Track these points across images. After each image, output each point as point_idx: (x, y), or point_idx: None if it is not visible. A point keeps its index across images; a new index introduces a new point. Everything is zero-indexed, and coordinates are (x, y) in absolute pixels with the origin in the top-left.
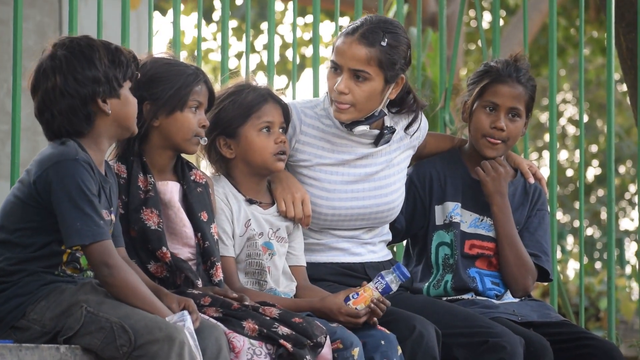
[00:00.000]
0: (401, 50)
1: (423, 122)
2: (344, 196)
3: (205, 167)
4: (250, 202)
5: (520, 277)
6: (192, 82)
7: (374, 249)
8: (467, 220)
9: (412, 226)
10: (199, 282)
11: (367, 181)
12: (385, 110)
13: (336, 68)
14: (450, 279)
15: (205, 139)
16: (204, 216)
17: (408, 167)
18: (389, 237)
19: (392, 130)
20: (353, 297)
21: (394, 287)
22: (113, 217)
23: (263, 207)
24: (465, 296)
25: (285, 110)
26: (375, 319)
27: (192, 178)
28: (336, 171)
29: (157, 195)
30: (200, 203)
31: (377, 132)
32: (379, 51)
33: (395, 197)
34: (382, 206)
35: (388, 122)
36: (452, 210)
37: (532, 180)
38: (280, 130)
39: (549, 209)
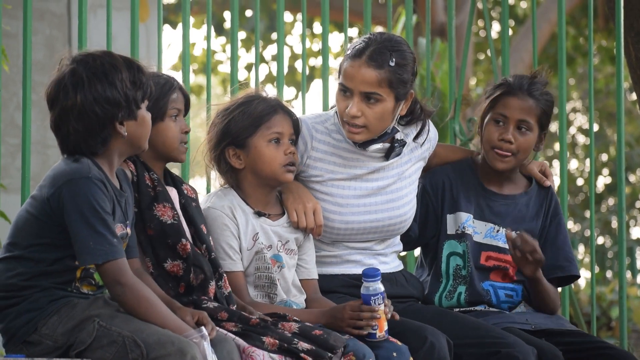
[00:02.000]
0: (409, 67)
1: (432, 132)
2: (357, 210)
3: (214, 179)
4: (259, 214)
5: (554, 309)
6: (167, 92)
7: (385, 259)
8: (481, 230)
9: (424, 234)
10: (213, 283)
11: (379, 194)
12: (397, 127)
13: (346, 91)
14: (464, 291)
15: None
16: (204, 229)
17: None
18: (400, 247)
19: (403, 144)
20: (375, 329)
21: (379, 287)
22: (129, 230)
23: (272, 218)
24: (477, 308)
25: (295, 122)
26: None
27: (184, 192)
28: (348, 185)
29: (164, 189)
30: (199, 217)
31: (388, 145)
32: (389, 72)
33: (407, 210)
34: (395, 219)
35: (399, 135)
36: (465, 222)
37: (548, 184)
38: (290, 141)
39: (561, 211)
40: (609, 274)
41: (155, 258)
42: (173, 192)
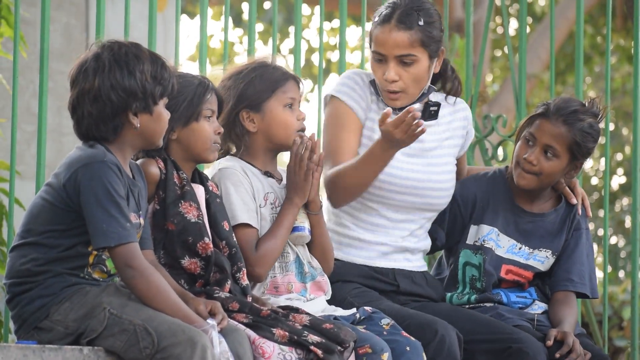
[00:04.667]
0: (437, 23)
1: (470, 119)
2: (399, 165)
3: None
4: (267, 174)
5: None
6: (202, 92)
7: (411, 257)
8: (504, 245)
9: (449, 241)
10: (229, 283)
11: (422, 156)
12: (432, 86)
13: (380, 59)
14: (476, 294)
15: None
16: (225, 226)
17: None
18: (429, 244)
19: (437, 104)
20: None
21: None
22: (142, 220)
23: (278, 182)
24: (487, 304)
25: (301, 89)
26: None
27: (210, 189)
28: None
29: (192, 189)
30: (221, 213)
31: (422, 106)
32: (419, 31)
33: (447, 178)
34: (434, 183)
35: (432, 97)
36: (487, 235)
37: (574, 201)
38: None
39: (587, 226)
40: (621, 273)
41: (170, 255)
42: (199, 190)
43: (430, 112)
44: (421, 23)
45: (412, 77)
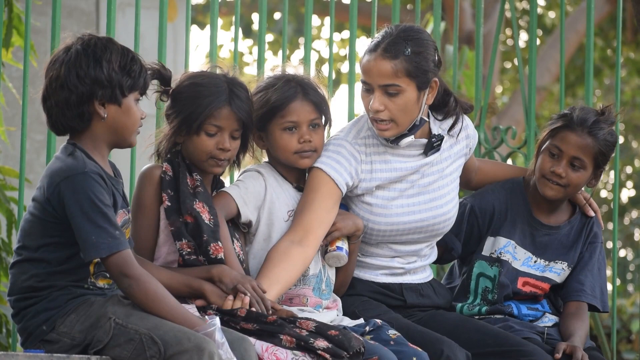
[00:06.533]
0: (427, 54)
1: (472, 130)
2: (401, 211)
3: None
4: (299, 189)
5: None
6: (207, 107)
7: (417, 272)
8: (520, 257)
9: (464, 251)
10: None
11: (421, 194)
12: (426, 117)
13: (367, 88)
14: (487, 306)
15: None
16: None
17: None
18: (434, 258)
19: (441, 138)
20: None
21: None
22: (131, 215)
23: None
24: (497, 316)
25: (318, 104)
26: None
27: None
28: (394, 187)
29: (206, 191)
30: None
31: (425, 141)
32: (405, 61)
33: (450, 208)
34: (439, 217)
35: (435, 130)
36: (503, 247)
37: (592, 214)
38: (311, 127)
39: (602, 239)
40: (630, 287)
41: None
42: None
43: (433, 146)
44: (407, 53)
45: (398, 107)
